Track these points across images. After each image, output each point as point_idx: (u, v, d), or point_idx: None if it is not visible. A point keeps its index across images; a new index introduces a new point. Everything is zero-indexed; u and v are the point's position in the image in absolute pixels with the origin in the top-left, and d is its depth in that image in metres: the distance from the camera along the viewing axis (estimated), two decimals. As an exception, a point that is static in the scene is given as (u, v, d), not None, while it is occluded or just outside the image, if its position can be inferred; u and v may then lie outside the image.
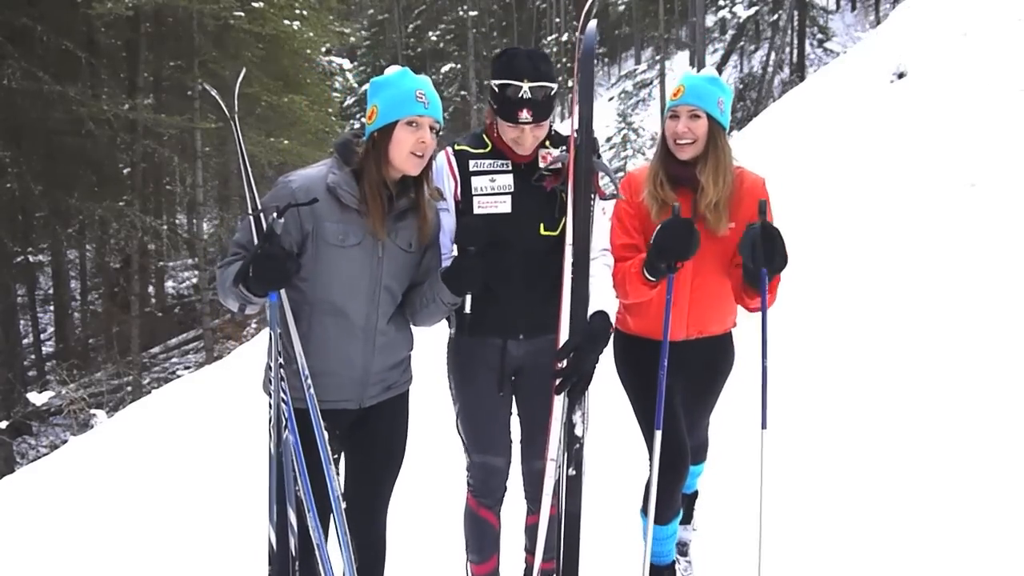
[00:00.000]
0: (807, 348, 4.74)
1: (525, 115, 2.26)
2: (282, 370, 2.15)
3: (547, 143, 2.41)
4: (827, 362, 4.54)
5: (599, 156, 2.41)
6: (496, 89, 2.30)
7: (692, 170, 2.47)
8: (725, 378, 2.78)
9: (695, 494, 3.13)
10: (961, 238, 5.46)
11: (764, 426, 2.42)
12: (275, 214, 2.03)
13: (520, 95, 2.25)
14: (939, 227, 5.72)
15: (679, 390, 2.64)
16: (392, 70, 2.25)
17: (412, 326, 2.42)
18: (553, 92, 2.31)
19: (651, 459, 2.50)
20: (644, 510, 2.65)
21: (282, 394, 2.15)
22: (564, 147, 2.39)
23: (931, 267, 5.24)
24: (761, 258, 2.28)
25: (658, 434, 2.44)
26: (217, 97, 2.24)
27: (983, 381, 3.87)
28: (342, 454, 2.41)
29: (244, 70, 2.56)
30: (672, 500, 2.62)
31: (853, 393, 4.11)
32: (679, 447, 2.56)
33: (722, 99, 2.47)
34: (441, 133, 2.23)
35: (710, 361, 2.70)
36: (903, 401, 3.90)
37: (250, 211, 2.13)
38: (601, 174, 2.36)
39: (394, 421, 2.40)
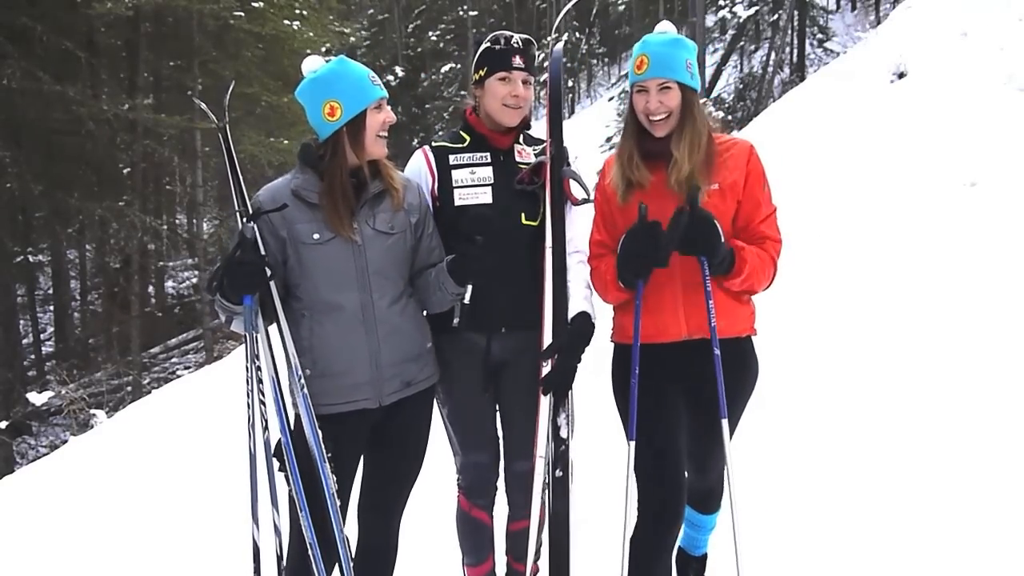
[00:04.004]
0: (806, 348, 4.73)
1: (518, 60, 2.42)
2: (259, 372, 2.18)
3: (520, 139, 2.54)
4: (826, 362, 4.54)
5: (569, 164, 2.48)
6: (487, 46, 2.44)
7: (666, 143, 2.24)
8: (742, 399, 2.37)
9: (704, 557, 2.69)
10: (961, 238, 5.46)
11: (723, 415, 2.20)
12: (244, 219, 2.12)
13: (512, 43, 2.43)
14: (939, 227, 5.71)
15: (683, 410, 2.32)
16: (317, 62, 2.24)
17: (426, 312, 2.42)
18: (536, 57, 2.51)
19: (639, 509, 2.26)
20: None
21: (258, 395, 2.17)
22: (537, 148, 2.54)
23: (931, 267, 5.24)
24: (688, 245, 2.13)
25: (631, 445, 2.24)
26: (208, 112, 2.29)
27: (983, 381, 3.87)
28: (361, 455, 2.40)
29: (233, 84, 2.61)
30: (659, 552, 2.25)
31: (851, 393, 4.10)
32: (667, 482, 2.24)
33: (689, 60, 2.22)
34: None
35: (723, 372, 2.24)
36: (902, 401, 3.89)
37: (239, 219, 2.17)
38: (572, 181, 2.43)
39: (415, 420, 2.39)
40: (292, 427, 2.20)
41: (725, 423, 2.22)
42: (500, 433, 2.61)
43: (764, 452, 3.53)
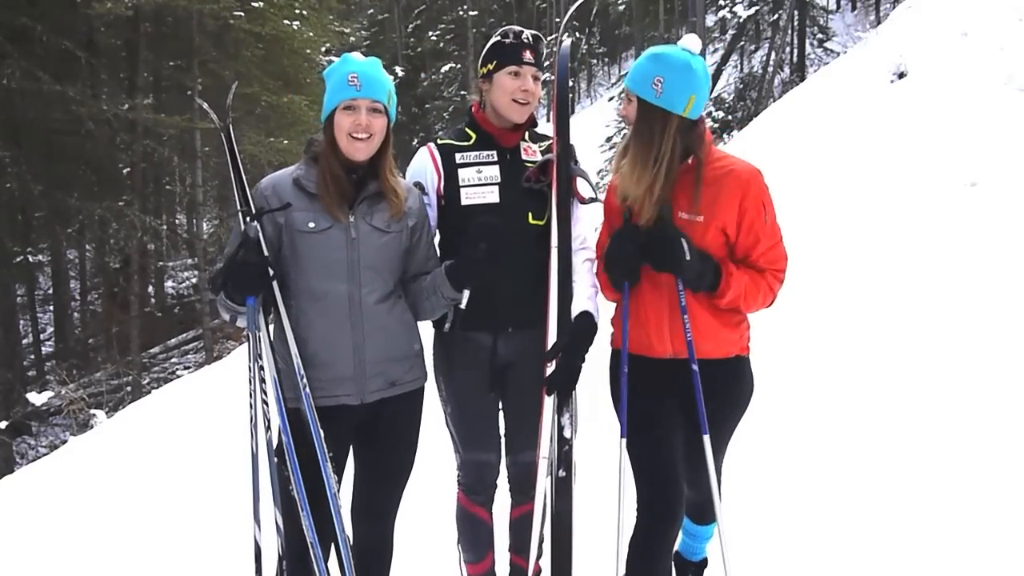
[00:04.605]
0: (805, 348, 4.73)
1: (528, 55, 2.41)
2: (262, 372, 2.19)
3: (526, 136, 2.53)
4: (826, 362, 4.54)
5: (577, 163, 2.48)
6: (496, 40, 2.43)
7: None
8: (735, 414, 2.39)
9: (704, 562, 2.71)
10: (961, 238, 5.45)
11: (705, 431, 2.21)
12: (247, 218, 2.14)
13: (523, 38, 2.43)
14: (939, 227, 5.71)
15: (679, 423, 2.34)
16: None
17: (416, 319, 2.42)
18: (544, 53, 2.49)
19: (638, 509, 2.28)
20: None
21: (261, 395, 2.19)
22: (543, 145, 2.54)
23: (931, 267, 5.23)
24: (654, 262, 2.16)
25: (623, 442, 2.27)
26: (210, 111, 2.31)
27: (983, 381, 3.87)
28: (350, 453, 2.41)
29: (236, 84, 2.63)
30: (658, 553, 2.26)
31: (852, 394, 4.10)
32: (665, 483, 2.26)
33: (660, 78, 2.13)
34: (391, 115, 2.28)
35: (709, 391, 2.24)
36: (903, 401, 3.89)
37: (242, 218, 2.19)
38: (580, 179, 2.43)
39: (401, 421, 2.38)
40: (291, 424, 2.20)
41: (707, 439, 2.23)
42: (503, 430, 2.61)
43: (765, 455, 3.53)
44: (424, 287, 2.35)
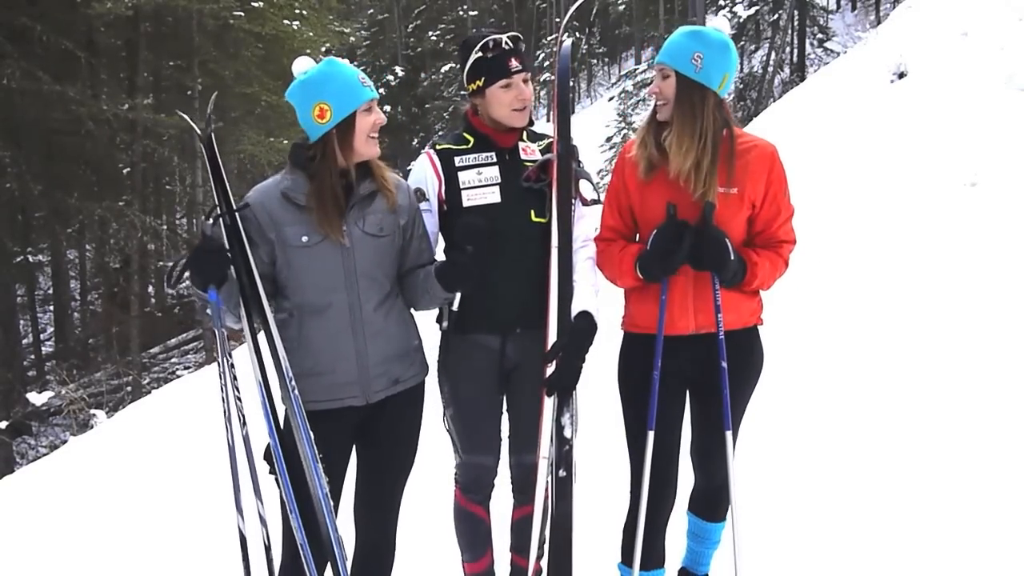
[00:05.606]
0: (805, 348, 4.73)
1: (515, 63, 2.39)
2: (233, 369, 2.19)
3: (524, 136, 2.52)
4: (826, 362, 4.54)
5: (580, 163, 2.47)
6: (479, 55, 2.40)
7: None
8: (748, 387, 2.40)
9: None
10: (961, 238, 5.46)
11: (727, 427, 2.26)
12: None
13: (504, 46, 2.38)
14: (939, 227, 5.71)
15: (686, 402, 2.39)
16: (307, 63, 2.23)
17: (414, 311, 2.42)
18: (524, 47, 2.48)
19: (633, 493, 2.33)
20: (624, 560, 2.39)
21: (234, 391, 2.20)
22: (542, 144, 2.53)
23: (931, 267, 5.23)
24: (696, 262, 2.20)
25: (651, 435, 2.26)
26: (192, 124, 2.30)
27: (983, 381, 3.87)
28: (353, 452, 2.41)
29: (216, 93, 2.61)
30: (652, 532, 2.34)
31: (851, 394, 4.10)
32: (662, 463, 2.32)
33: (700, 54, 2.18)
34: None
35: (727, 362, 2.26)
36: (902, 401, 3.89)
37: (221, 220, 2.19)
38: (583, 180, 2.43)
39: (403, 417, 2.38)
40: (280, 427, 2.20)
41: (729, 435, 2.26)
42: (505, 432, 2.60)
43: (767, 451, 3.52)
44: (419, 283, 2.34)
